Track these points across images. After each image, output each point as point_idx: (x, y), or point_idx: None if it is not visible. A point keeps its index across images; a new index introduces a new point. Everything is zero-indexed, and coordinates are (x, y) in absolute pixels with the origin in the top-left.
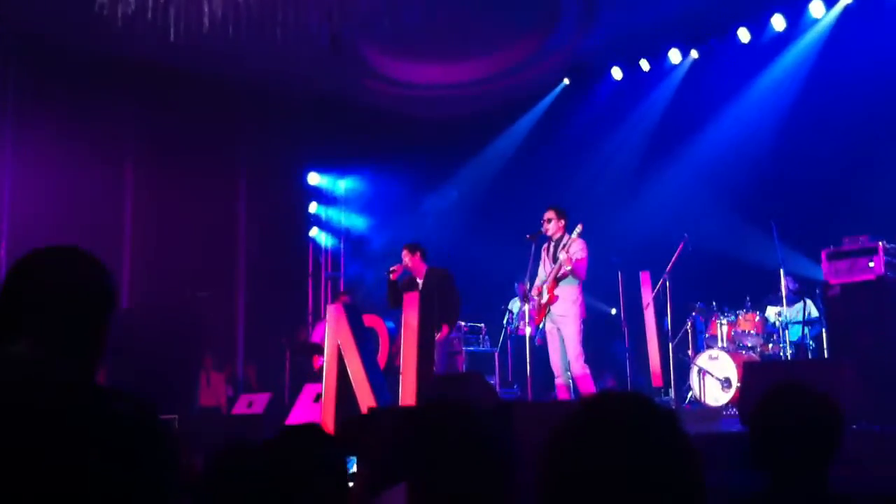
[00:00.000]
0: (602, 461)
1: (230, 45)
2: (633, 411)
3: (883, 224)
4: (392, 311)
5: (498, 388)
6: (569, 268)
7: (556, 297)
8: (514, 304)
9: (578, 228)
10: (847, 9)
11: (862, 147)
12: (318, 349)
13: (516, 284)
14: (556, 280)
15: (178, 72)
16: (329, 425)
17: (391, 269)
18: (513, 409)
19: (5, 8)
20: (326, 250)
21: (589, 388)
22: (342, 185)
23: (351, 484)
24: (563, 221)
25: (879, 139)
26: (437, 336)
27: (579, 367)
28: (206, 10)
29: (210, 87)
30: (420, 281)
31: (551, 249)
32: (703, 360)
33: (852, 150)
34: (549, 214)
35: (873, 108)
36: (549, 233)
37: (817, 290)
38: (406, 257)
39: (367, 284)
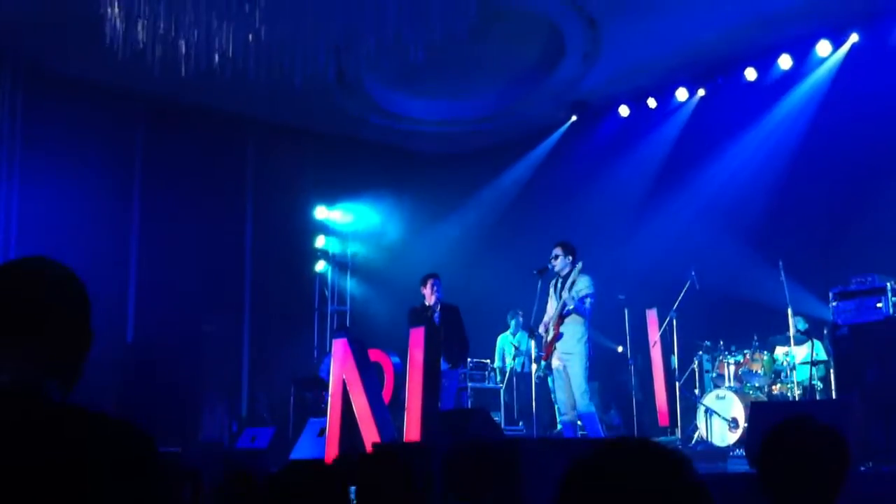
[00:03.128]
0: (617, 500)
1: (238, 78)
2: (651, 455)
3: (891, 262)
4: (398, 345)
5: (503, 425)
6: (571, 307)
7: (561, 334)
8: (506, 339)
9: (578, 266)
10: (854, 48)
11: (869, 185)
12: (324, 384)
13: (510, 316)
14: (561, 317)
15: (186, 104)
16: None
17: (431, 308)
18: (518, 446)
19: (17, 39)
20: (333, 284)
21: (594, 426)
22: (349, 218)
23: None
24: (570, 257)
25: (886, 177)
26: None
27: (585, 405)
28: (216, 44)
29: (218, 119)
30: (437, 314)
31: (559, 285)
32: (710, 399)
33: (859, 188)
34: (557, 250)
35: (880, 147)
36: (557, 269)
37: (825, 331)
38: (436, 287)
39: (374, 318)
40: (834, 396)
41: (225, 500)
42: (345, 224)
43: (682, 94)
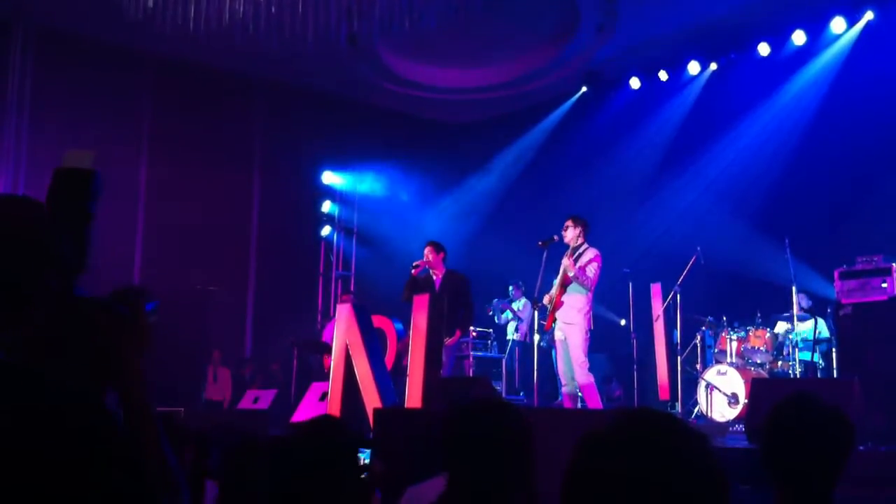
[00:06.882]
0: (632, 473)
1: (249, 41)
2: (669, 428)
3: None
4: (401, 312)
5: (504, 394)
6: (571, 273)
7: (562, 304)
8: (514, 304)
9: (578, 230)
10: (868, 25)
11: (878, 166)
12: (328, 348)
13: (510, 286)
14: (563, 287)
15: (195, 66)
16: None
17: (415, 263)
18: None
19: None
20: (338, 249)
21: (593, 397)
22: (356, 184)
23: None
24: (580, 230)
25: (895, 158)
26: (448, 341)
27: (583, 375)
28: (227, 5)
29: (227, 82)
30: (437, 281)
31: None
32: (711, 374)
33: (869, 168)
34: (568, 222)
35: (890, 127)
36: (566, 239)
37: (828, 310)
38: (430, 254)
39: (377, 284)
40: (835, 375)
41: (232, 466)
42: (352, 189)
43: (694, 67)
